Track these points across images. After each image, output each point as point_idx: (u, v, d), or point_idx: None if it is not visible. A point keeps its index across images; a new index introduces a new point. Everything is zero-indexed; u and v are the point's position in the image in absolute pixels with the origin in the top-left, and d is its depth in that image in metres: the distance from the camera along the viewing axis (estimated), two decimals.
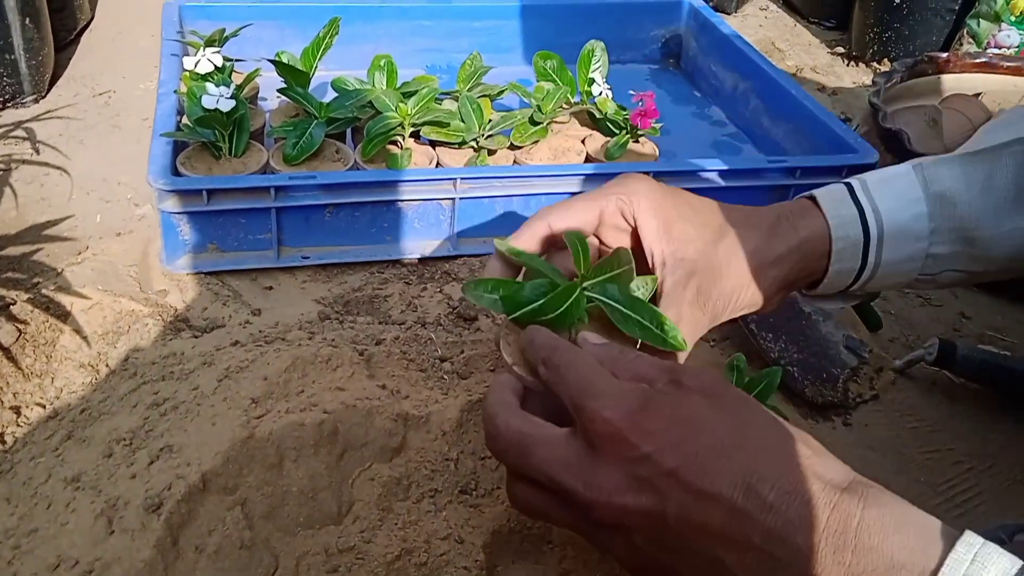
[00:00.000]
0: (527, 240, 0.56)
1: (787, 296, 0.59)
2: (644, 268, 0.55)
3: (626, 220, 0.56)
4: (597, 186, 0.96)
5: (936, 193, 0.56)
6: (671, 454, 0.41)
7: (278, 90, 1.03)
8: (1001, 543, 0.67)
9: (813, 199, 0.58)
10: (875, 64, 1.56)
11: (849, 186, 0.58)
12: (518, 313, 0.51)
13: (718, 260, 0.53)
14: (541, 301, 0.51)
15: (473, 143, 1.01)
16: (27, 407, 0.70)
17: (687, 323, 0.52)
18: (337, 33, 1.06)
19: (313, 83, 1.05)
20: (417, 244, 0.95)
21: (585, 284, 0.52)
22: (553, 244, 0.56)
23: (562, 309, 0.51)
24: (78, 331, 0.77)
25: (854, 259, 0.57)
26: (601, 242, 0.58)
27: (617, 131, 1.07)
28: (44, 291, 0.81)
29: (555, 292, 0.51)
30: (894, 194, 0.57)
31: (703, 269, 0.53)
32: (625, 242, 0.56)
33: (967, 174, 0.56)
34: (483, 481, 0.65)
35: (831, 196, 0.57)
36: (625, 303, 0.51)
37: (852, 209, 0.56)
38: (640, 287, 0.53)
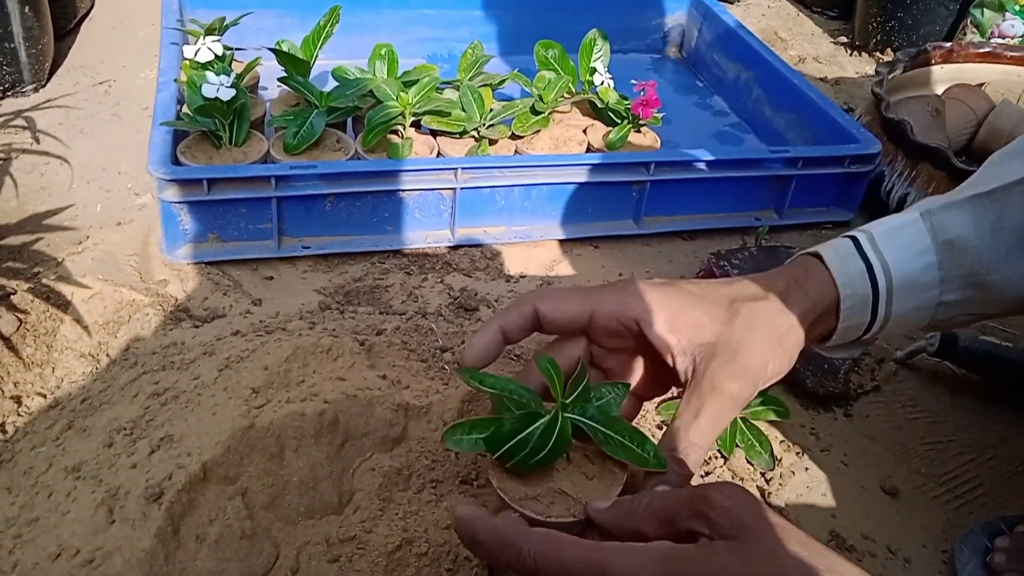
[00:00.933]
0: (513, 321, 0.54)
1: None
2: (661, 369, 0.54)
3: (623, 325, 0.53)
4: (596, 169, 0.96)
5: (946, 241, 0.55)
6: None
7: (279, 79, 1.02)
8: (1001, 533, 0.67)
9: (819, 257, 0.57)
10: (878, 54, 1.56)
11: (855, 240, 0.56)
12: (504, 449, 0.49)
13: (736, 339, 0.51)
14: (525, 433, 0.49)
15: (474, 133, 1.01)
16: (28, 397, 0.70)
17: (710, 412, 0.50)
18: (338, 21, 1.05)
19: (314, 72, 1.05)
20: (418, 234, 0.95)
21: (565, 410, 0.50)
22: (537, 330, 0.55)
23: (551, 444, 0.49)
24: (79, 321, 0.77)
25: (864, 314, 0.56)
26: (591, 340, 0.56)
27: (619, 121, 1.07)
28: (45, 281, 0.81)
29: (540, 426, 0.49)
30: (902, 245, 0.55)
31: (723, 352, 0.51)
32: (619, 345, 0.55)
33: (976, 217, 0.55)
34: (484, 471, 0.65)
35: (837, 253, 0.56)
36: (604, 423, 0.49)
37: (859, 264, 0.55)
38: (609, 393, 0.52)
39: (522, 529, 0.45)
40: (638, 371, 0.57)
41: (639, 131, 1.07)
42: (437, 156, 0.99)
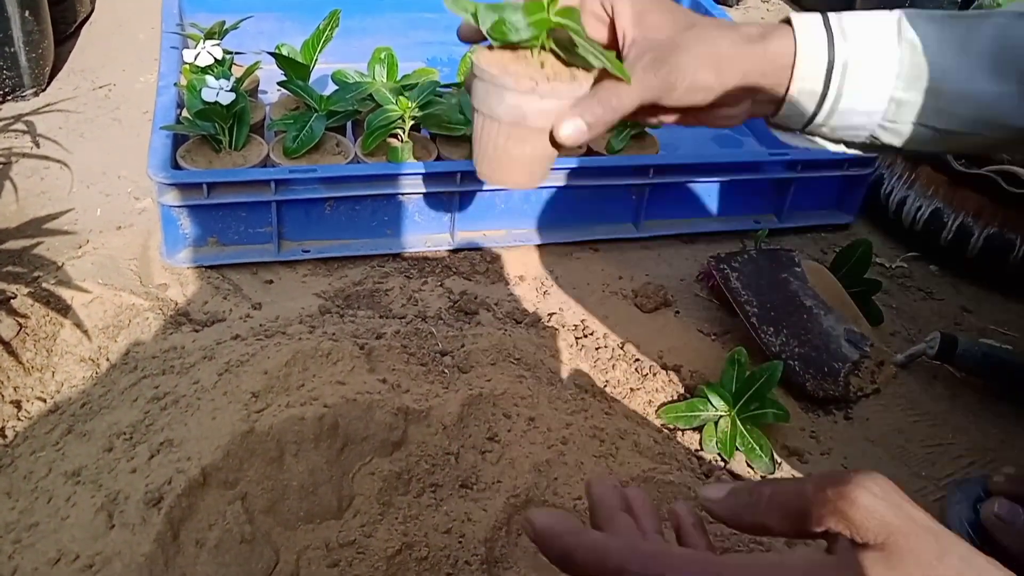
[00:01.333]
0: None
1: (750, 111, 0.59)
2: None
3: (605, 11, 0.56)
4: (596, 172, 0.96)
5: (909, 40, 0.56)
6: None
7: (278, 83, 1.02)
8: (987, 493, 0.67)
9: (788, 22, 0.58)
10: None
11: (824, 15, 0.58)
12: (491, 22, 0.50)
13: (680, 41, 0.54)
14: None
15: None
16: (28, 401, 0.70)
17: (636, 81, 0.52)
18: (337, 26, 1.05)
19: (313, 76, 1.05)
20: (418, 238, 0.95)
21: (554, 11, 0.51)
22: None
23: (533, 20, 0.50)
24: (79, 325, 0.77)
25: (816, 81, 0.56)
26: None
27: (618, 125, 1.07)
28: (45, 285, 0.81)
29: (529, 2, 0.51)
30: (867, 28, 0.57)
31: (664, 47, 0.54)
32: (602, 31, 0.58)
33: (942, 30, 0.57)
34: (483, 475, 0.65)
35: (804, 18, 0.58)
36: (583, 36, 0.51)
37: (822, 31, 0.57)
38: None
39: (630, 545, 0.39)
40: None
41: (639, 135, 1.07)
42: (437, 160, 0.99)
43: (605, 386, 0.78)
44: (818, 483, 0.40)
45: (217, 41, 0.98)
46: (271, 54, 1.03)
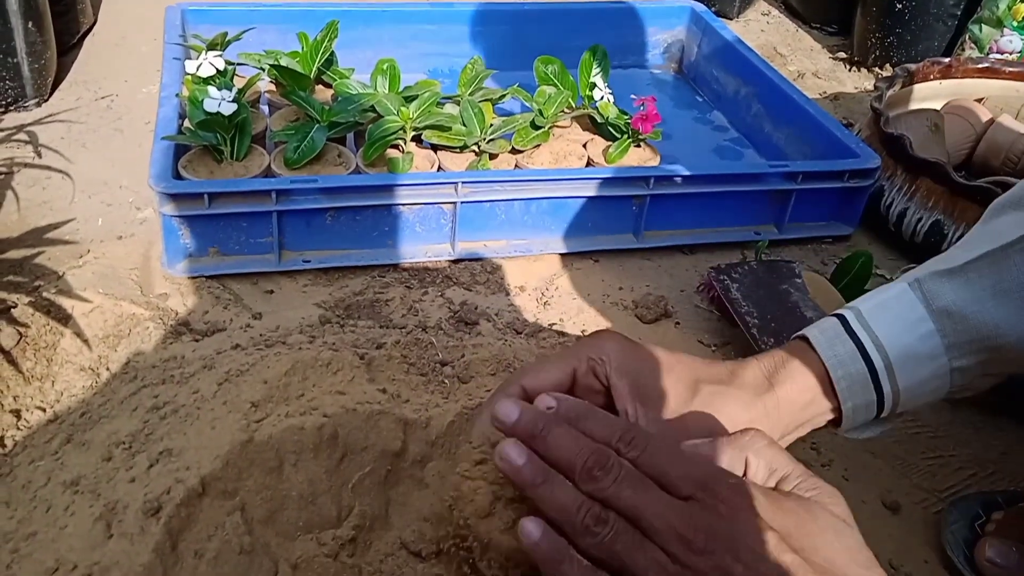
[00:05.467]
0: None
1: (798, 437, 0.56)
2: None
3: (599, 380, 0.54)
4: (596, 183, 0.96)
5: (941, 309, 0.54)
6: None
7: (280, 93, 1.03)
8: (997, 506, 0.67)
9: (806, 340, 0.56)
10: (877, 69, 1.56)
11: (843, 318, 0.56)
12: None
13: (690, 422, 0.52)
14: None
15: (475, 147, 1.01)
16: (27, 410, 0.70)
17: None
18: (336, 36, 1.06)
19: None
20: (418, 248, 0.95)
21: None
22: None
23: None
24: (79, 334, 0.77)
25: (866, 393, 0.54)
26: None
27: (618, 135, 1.07)
28: (45, 294, 0.81)
29: None
30: (894, 318, 0.54)
31: (674, 433, 0.51)
32: (600, 402, 0.55)
33: (970, 284, 0.54)
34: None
35: (825, 335, 0.55)
36: None
37: (849, 344, 0.54)
38: None
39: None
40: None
41: (639, 146, 1.07)
42: (438, 170, 1.00)
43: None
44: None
45: (219, 52, 0.98)
46: (272, 66, 1.04)
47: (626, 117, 1.07)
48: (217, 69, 0.96)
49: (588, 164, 1.05)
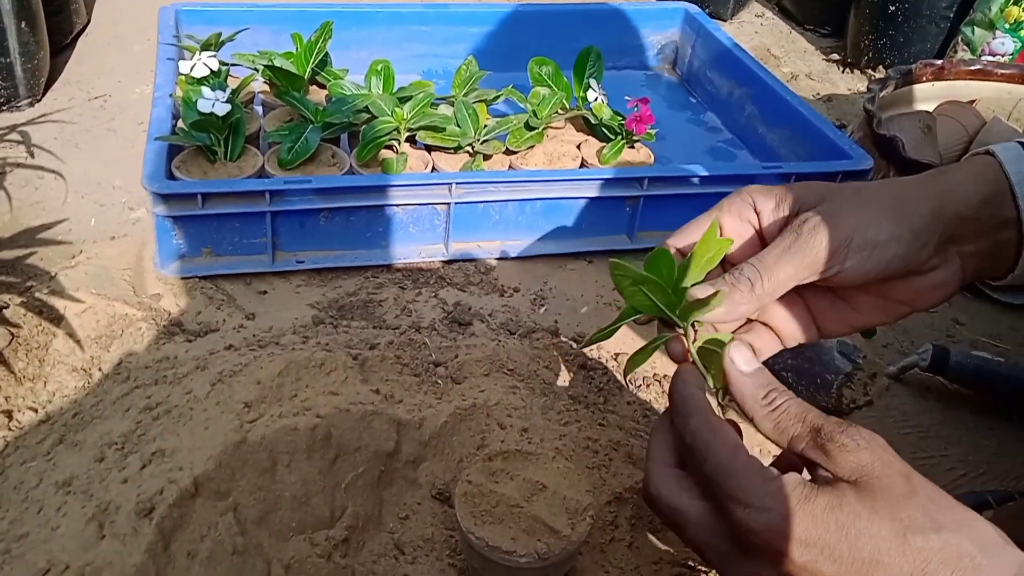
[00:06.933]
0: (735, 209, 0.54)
1: (963, 272, 0.51)
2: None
3: (747, 221, 0.53)
4: (590, 184, 0.96)
5: None
6: (828, 565, 0.40)
7: (274, 94, 1.03)
8: (987, 506, 0.67)
9: (990, 153, 0.50)
10: (870, 71, 1.57)
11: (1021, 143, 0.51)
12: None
13: (837, 204, 0.49)
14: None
15: (468, 148, 1.01)
16: (19, 411, 0.70)
17: (787, 258, 0.48)
18: (330, 37, 1.06)
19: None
20: (412, 249, 0.95)
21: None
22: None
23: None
24: (71, 335, 0.77)
25: None
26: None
27: (612, 136, 1.07)
28: (37, 295, 0.80)
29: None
30: None
31: (820, 216, 0.48)
32: (749, 231, 0.54)
33: None
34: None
35: (1007, 152, 0.49)
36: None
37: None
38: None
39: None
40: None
41: (633, 147, 1.08)
42: (432, 171, 1.00)
43: (599, 397, 0.78)
44: (816, 418, 0.45)
45: (213, 53, 0.98)
46: (266, 66, 1.04)
47: (620, 118, 1.07)
48: (211, 69, 0.96)
49: (582, 165, 1.05)
